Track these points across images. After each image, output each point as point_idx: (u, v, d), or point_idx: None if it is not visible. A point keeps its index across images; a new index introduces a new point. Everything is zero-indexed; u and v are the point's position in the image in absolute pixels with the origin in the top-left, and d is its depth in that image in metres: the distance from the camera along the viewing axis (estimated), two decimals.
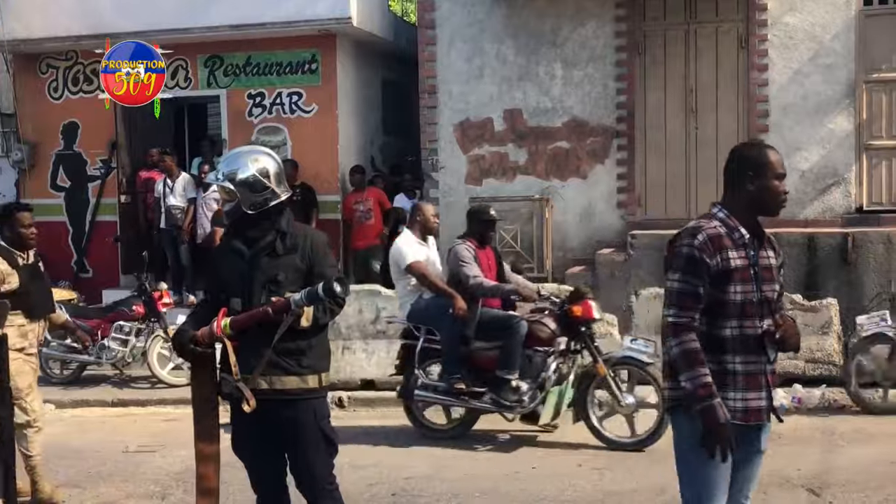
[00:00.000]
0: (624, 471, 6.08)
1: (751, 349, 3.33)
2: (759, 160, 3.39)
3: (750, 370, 3.34)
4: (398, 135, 13.17)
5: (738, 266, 3.33)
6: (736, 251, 3.34)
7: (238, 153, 4.22)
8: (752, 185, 3.38)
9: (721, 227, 3.37)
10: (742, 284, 3.33)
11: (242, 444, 4.11)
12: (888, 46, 10.12)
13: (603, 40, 10.75)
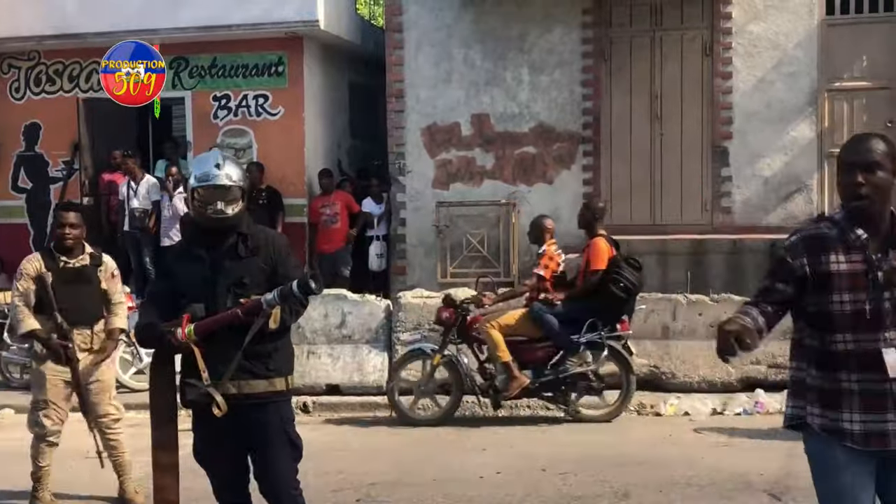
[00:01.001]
0: (588, 475, 6.10)
1: (869, 365, 2.97)
2: (839, 154, 3.14)
3: (870, 388, 2.98)
4: (365, 138, 13.14)
5: (841, 271, 2.99)
6: (844, 255, 3.00)
7: (226, 156, 4.26)
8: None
9: (830, 229, 3.05)
10: (851, 293, 2.98)
11: (206, 451, 4.05)
12: (850, 55, 10.28)
13: (570, 46, 10.81)
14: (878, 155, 2.98)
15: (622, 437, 7.18)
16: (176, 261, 4.13)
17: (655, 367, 8.32)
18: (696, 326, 8.38)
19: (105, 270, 5.73)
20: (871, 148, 3.00)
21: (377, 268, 11.52)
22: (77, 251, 5.66)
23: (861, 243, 3.00)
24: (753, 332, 2.99)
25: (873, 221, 3.01)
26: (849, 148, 3.09)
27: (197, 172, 4.05)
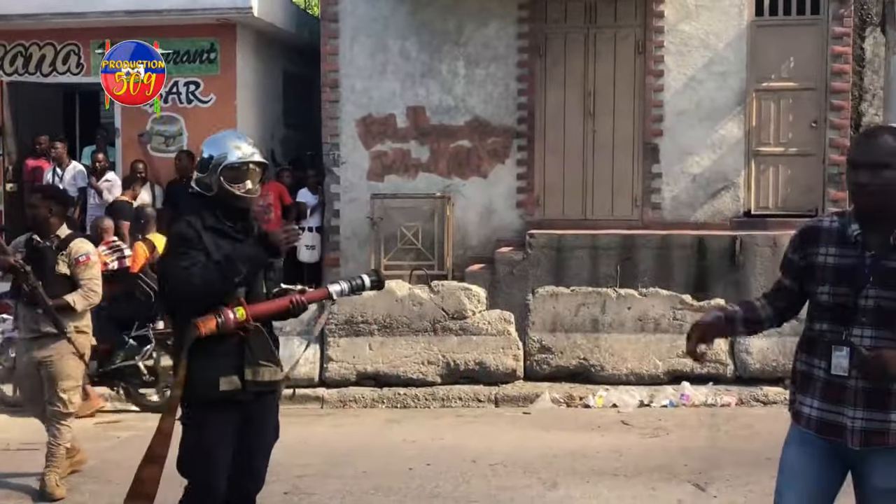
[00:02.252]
0: (517, 466, 6.15)
1: (826, 354, 3.04)
2: (850, 147, 3.22)
3: (833, 379, 3.02)
4: (299, 129, 13.01)
5: (828, 264, 3.03)
6: (836, 248, 3.03)
7: (240, 134, 4.31)
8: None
9: (833, 223, 3.08)
10: (834, 285, 3.01)
11: (216, 446, 3.83)
12: (777, 56, 10.52)
13: (505, 41, 10.85)
14: (884, 154, 2.92)
15: (551, 429, 7.25)
16: (212, 238, 3.85)
17: (585, 360, 8.42)
18: (625, 320, 8.50)
19: (69, 255, 5.69)
20: (878, 146, 2.95)
21: (307, 259, 11.42)
22: (49, 232, 5.73)
23: (855, 239, 2.99)
24: (717, 326, 3.19)
25: (882, 220, 2.96)
26: (856, 145, 3.05)
27: (231, 151, 3.93)
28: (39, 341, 5.66)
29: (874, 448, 2.97)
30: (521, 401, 8.14)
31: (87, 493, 5.81)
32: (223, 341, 3.75)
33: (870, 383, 2.94)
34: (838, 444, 3.01)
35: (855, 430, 2.97)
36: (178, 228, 3.87)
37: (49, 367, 5.66)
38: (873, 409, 2.96)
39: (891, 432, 2.96)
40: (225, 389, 3.77)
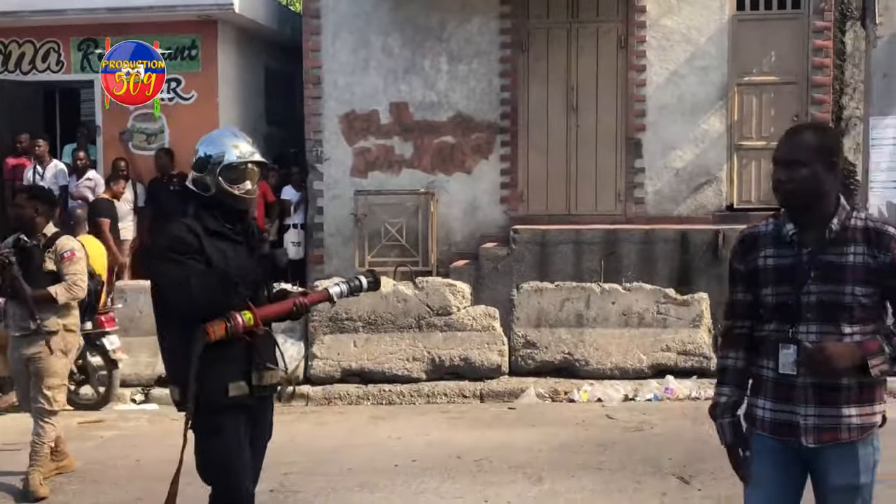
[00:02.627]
0: (502, 461, 6.16)
1: (773, 354, 3.04)
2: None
3: (781, 379, 3.02)
4: (282, 125, 12.96)
5: (768, 266, 3.04)
6: (774, 249, 3.05)
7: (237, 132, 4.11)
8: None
9: (768, 226, 3.10)
10: (776, 286, 3.02)
11: (236, 450, 3.76)
12: (758, 51, 10.57)
13: (488, 37, 10.85)
14: (800, 152, 2.95)
15: (536, 424, 7.26)
16: (213, 243, 3.72)
17: (569, 355, 8.44)
18: (609, 314, 8.53)
19: (55, 252, 5.75)
20: (796, 144, 2.99)
21: (293, 256, 11.38)
22: (35, 231, 5.77)
23: (791, 238, 3.02)
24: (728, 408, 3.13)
25: (809, 216, 2.99)
26: (779, 143, 3.07)
27: (229, 150, 3.82)
28: (28, 338, 5.69)
29: (828, 444, 2.96)
30: (506, 396, 8.15)
31: (70, 493, 5.78)
32: (231, 346, 3.66)
33: (819, 379, 2.93)
34: (792, 443, 3.00)
35: (808, 428, 2.96)
36: (176, 232, 3.70)
37: (36, 364, 5.69)
38: (825, 405, 2.95)
39: (843, 427, 2.95)
40: (234, 395, 3.71)
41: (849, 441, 2.96)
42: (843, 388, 2.94)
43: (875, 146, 10.32)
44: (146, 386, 8.43)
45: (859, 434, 2.96)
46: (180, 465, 3.74)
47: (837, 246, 2.97)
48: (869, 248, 2.95)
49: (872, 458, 3.01)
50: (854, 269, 2.94)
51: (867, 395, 2.98)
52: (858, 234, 2.97)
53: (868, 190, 10.36)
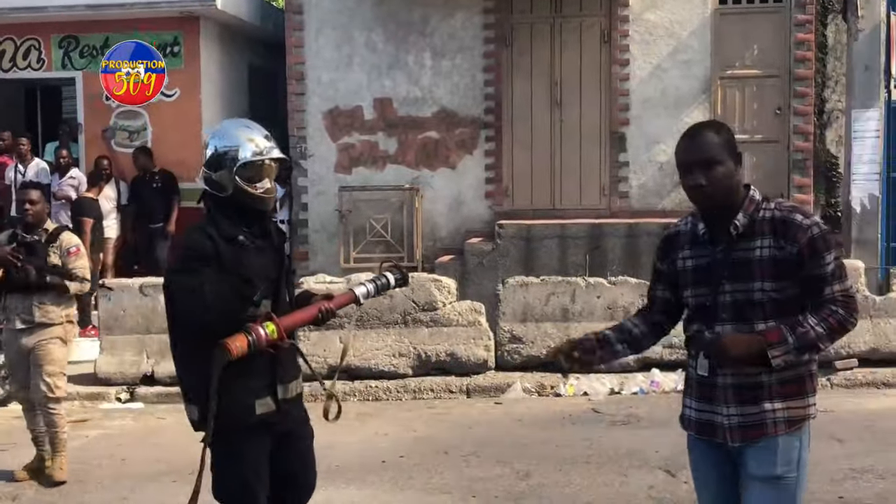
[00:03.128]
0: (490, 456, 6.17)
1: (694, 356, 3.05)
2: (676, 154, 2.99)
3: (703, 379, 3.00)
4: (265, 122, 12.86)
5: (687, 267, 3.02)
6: (691, 250, 3.02)
7: (250, 123, 3.72)
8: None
9: (686, 225, 3.07)
10: (695, 287, 2.99)
11: (255, 474, 3.50)
12: (741, 44, 10.61)
13: (471, 32, 10.84)
14: (713, 150, 2.87)
15: (522, 418, 7.28)
16: (228, 248, 3.39)
17: None
18: (595, 308, 8.54)
19: (60, 247, 5.90)
20: (704, 143, 2.89)
21: None
22: (36, 227, 5.91)
23: (703, 238, 2.97)
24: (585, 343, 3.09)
25: (724, 215, 2.91)
26: (683, 147, 2.93)
27: (244, 144, 3.48)
28: (31, 330, 5.83)
29: (753, 441, 2.92)
30: (492, 391, 8.16)
31: (55, 492, 5.75)
32: (254, 361, 3.34)
33: (736, 380, 2.89)
34: (717, 443, 2.98)
35: (731, 427, 2.92)
36: (192, 240, 3.40)
37: (38, 351, 5.84)
38: (745, 404, 2.90)
39: (768, 423, 2.90)
40: (261, 413, 3.44)
41: (775, 434, 2.90)
42: (763, 385, 2.89)
43: (857, 139, 10.38)
44: (131, 385, 8.39)
45: (786, 427, 2.90)
46: (198, 489, 3.46)
47: (746, 241, 2.89)
48: (775, 240, 2.86)
49: (797, 453, 2.92)
50: (762, 264, 2.86)
51: (793, 389, 2.91)
52: (766, 225, 2.89)
53: (850, 182, 10.43)
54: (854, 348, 8.23)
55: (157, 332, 8.56)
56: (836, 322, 2.85)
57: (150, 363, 8.51)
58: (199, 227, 3.45)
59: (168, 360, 8.39)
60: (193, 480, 3.46)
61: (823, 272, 2.85)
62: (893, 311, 8.31)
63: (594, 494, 5.41)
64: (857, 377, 8.11)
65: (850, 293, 2.87)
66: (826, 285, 2.85)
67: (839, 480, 5.45)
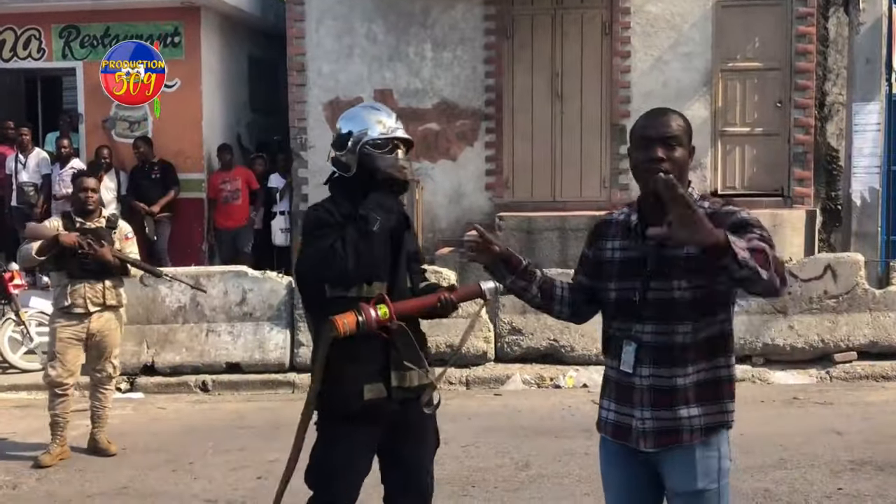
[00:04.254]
0: (489, 447, 6.18)
1: (615, 354, 2.88)
2: (633, 129, 2.84)
3: (621, 380, 2.87)
4: (266, 113, 12.91)
5: (614, 258, 2.88)
6: (621, 241, 2.88)
7: (380, 105, 3.66)
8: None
9: (622, 214, 2.92)
10: (619, 280, 2.85)
11: (350, 463, 3.42)
12: (742, 37, 10.59)
13: (472, 23, 10.82)
14: (676, 129, 2.75)
15: (522, 410, 7.29)
16: (347, 226, 3.34)
17: (555, 341, 8.47)
18: None
19: (119, 232, 6.21)
20: (670, 122, 2.76)
21: (282, 243, 11.38)
22: (95, 214, 6.17)
23: (636, 231, 2.81)
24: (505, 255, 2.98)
25: (662, 206, 2.54)
26: (646, 122, 2.79)
27: (373, 126, 3.45)
28: (100, 313, 6.08)
29: (669, 448, 2.78)
30: (492, 383, 8.17)
31: (56, 481, 5.76)
32: (366, 343, 3.28)
33: (655, 381, 2.77)
34: (630, 447, 2.84)
35: (646, 432, 2.79)
36: (316, 215, 3.39)
37: (105, 333, 6.13)
38: (660, 407, 2.77)
39: (684, 429, 2.77)
40: (370, 398, 3.34)
41: (689, 444, 2.77)
42: (678, 388, 2.76)
43: (857, 132, 10.37)
44: (131, 375, 8.40)
45: (702, 436, 2.77)
46: (292, 468, 3.40)
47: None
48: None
49: (717, 464, 2.79)
50: (688, 261, 2.69)
51: (710, 394, 2.78)
52: None
53: (851, 175, 10.42)
54: (853, 341, 8.24)
55: (157, 322, 8.59)
56: (773, 254, 2.50)
57: (151, 353, 8.52)
58: (320, 205, 3.45)
59: (168, 351, 8.49)
60: (191, 469, 3.46)
61: (750, 237, 2.55)
62: (893, 305, 8.32)
63: (593, 486, 5.41)
64: (857, 370, 8.13)
65: (774, 254, 2.51)
66: (749, 232, 2.59)
67: (838, 472, 5.46)
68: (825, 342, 8.19)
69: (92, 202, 6.15)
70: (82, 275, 6.00)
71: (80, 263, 5.97)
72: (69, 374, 6.09)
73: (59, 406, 6.09)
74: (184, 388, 8.30)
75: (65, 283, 6.02)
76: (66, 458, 6.12)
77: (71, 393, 6.17)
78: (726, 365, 2.83)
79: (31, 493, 5.55)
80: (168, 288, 8.46)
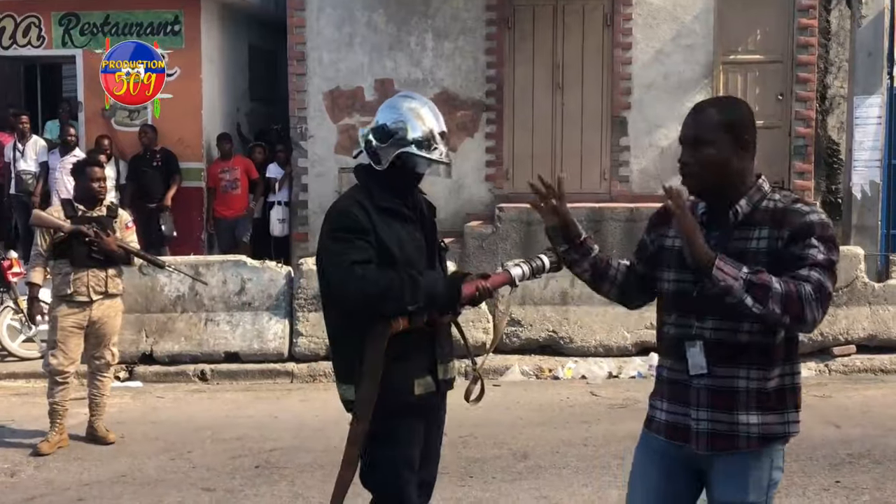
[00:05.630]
0: (487, 438, 6.19)
1: (676, 353, 2.74)
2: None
3: (676, 378, 2.75)
4: (266, 102, 12.88)
5: (675, 246, 2.77)
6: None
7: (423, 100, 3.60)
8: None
9: (689, 202, 2.77)
10: (678, 271, 2.74)
11: (413, 456, 3.41)
12: (744, 29, 10.57)
13: (473, 13, 10.79)
14: (705, 129, 2.66)
15: (520, 401, 7.29)
16: (384, 221, 3.29)
17: (554, 332, 8.47)
18: (594, 293, 8.53)
19: (120, 221, 6.22)
20: (699, 122, 2.69)
21: (279, 233, 11.37)
22: (100, 203, 6.19)
23: (701, 220, 2.70)
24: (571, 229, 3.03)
25: (721, 199, 2.69)
26: (684, 121, 2.76)
27: (413, 122, 3.44)
28: (101, 301, 6.09)
29: (721, 454, 2.68)
30: (490, 373, 8.17)
31: (54, 469, 5.77)
32: (412, 338, 3.25)
33: (713, 381, 2.66)
34: (687, 449, 2.72)
35: (700, 433, 2.68)
36: (346, 208, 3.29)
37: (105, 321, 6.14)
38: (717, 409, 2.66)
39: (741, 436, 2.65)
40: (420, 393, 3.31)
41: (746, 451, 2.66)
42: (738, 391, 2.65)
43: (859, 125, 10.35)
44: (130, 364, 8.40)
45: (759, 444, 2.65)
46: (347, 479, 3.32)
47: (744, 230, 2.65)
48: (773, 230, 2.60)
49: (767, 477, 2.69)
50: (756, 256, 2.59)
51: (772, 402, 2.66)
52: (767, 216, 2.64)
53: (851, 169, 10.41)
54: (852, 335, 8.25)
55: (155, 311, 8.58)
56: (796, 291, 2.50)
57: (149, 342, 8.51)
58: (352, 198, 3.35)
59: (166, 340, 8.48)
60: (189, 458, 3.45)
61: (807, 253, 2.54)
62: (892, 299, 8.32)
63: (591, 476, 5.42)
64: (856, 363, 8.14)
65: (826, 288, 2.53)
66: (806, 266, 2.54)
67: (836, 465, 5.47)
68: (824, 335, 8.19)
69: (104, 192, 6.20)
70: (87, 263, 6.00)
71: (87, 252, 5.98)
72: (70, 363, 6.09)
73: (59, 394, 6.09)
74: (182, 377, 8.30)
75: (67, 272, 6.01)
76: (64, 447, 6.12)
77: (71, 381, 6.17)
78: (791, 372, 2.71)
79: (30, 481, 5.55)
80: (167, 277, 8.45)
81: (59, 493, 5.32)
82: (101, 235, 5.98)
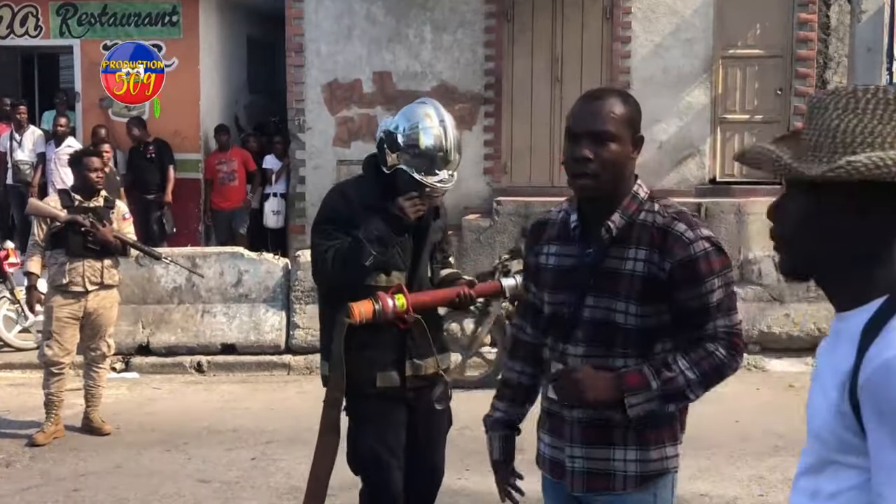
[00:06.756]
0: (483, 432, 6.16)
1: (549, 380, 2.45)
2: (567, 117, 2.39)
3: (550, 409, 2.48)
4: (264, 94, 12.85)
5: (549, 265, 2.42)
6: (557, 244, 2.43)
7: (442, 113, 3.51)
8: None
9: (561, 212, 2.48)
10: (553, 292, 2.39)
11: (387, 448, 3.47)
12: (743, 24, 10.54)
13: (472, 6, 10.76)
14: (610, 121, 2.30)
15: None
16: (365, 216, 3.34)
17: None
18: None
19: (117, 212, 6.23)
20: (601, 111, 2.30)
21: (273, 225, 11.35)
22: (97, 193, 6.18)
23: (574, 234, 2.38)
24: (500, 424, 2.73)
25: (603, 208, 2.33)
26: (578, 111, 2.34)
27: (426, 132, 3.42)
28: (97, 292, 6.08)
29: (600, 494, 2.39)
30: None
31: (50, 460, 5.76)
32: (382, 331, 3.30)
33: (584, 413, 2.35)
34: (564, 486, 2.45)
35: (574, 472, 2.40)
36: (330, 200, 3.47)
37: (101, 312, 6.13)
38: (592, 445, 2.36)
39: (616, 476, 2.35)
40: (382, 386, 3.40)
41: (623, 493, 2.36)
42: (615, 425, 2.33)
43: None
44: (126, 355, 8.39)
45: (637, 484, 2.35)
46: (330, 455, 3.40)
47: (619, 247, 2.31)
48: (651, 253, 2.27)
49: None
50: (632, 280, 2.27)
51: (651, 436, 2.36)
52: (644, 232, 2.30)
53: None
54: None
55: (152, 302, 8.57)
56: (711, 367, 2.28)
57: (146, 333, 8.50)
58: (340, 188, 3.56)
59: (163, 331, 8.47)
60: (185, 449, 3.45)
61: (703, 302, 2.26)
62: None
63: None
64: None
65: (735, 330, 2.31)
66: (707, 319, 2.27)
67: None
68: (821, 330, 8.19)
69: (101, 182, 6.20)
70: (83, 253, 5.99)
71: (83, 242, 5.96)
72: (66, 354, 6.09)
73: (55, 385, 6.08)
74: (179, 368, 8.29)
75: (62, 262, 6.00)
76: (60, 437, 6.11)
77: (66, 372, 6.16)
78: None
79: (25, 472, 5.55)
80: (164, 268, 8.44)
81: (54, 484, 5.32)
82: (96, 225, 5.97)
